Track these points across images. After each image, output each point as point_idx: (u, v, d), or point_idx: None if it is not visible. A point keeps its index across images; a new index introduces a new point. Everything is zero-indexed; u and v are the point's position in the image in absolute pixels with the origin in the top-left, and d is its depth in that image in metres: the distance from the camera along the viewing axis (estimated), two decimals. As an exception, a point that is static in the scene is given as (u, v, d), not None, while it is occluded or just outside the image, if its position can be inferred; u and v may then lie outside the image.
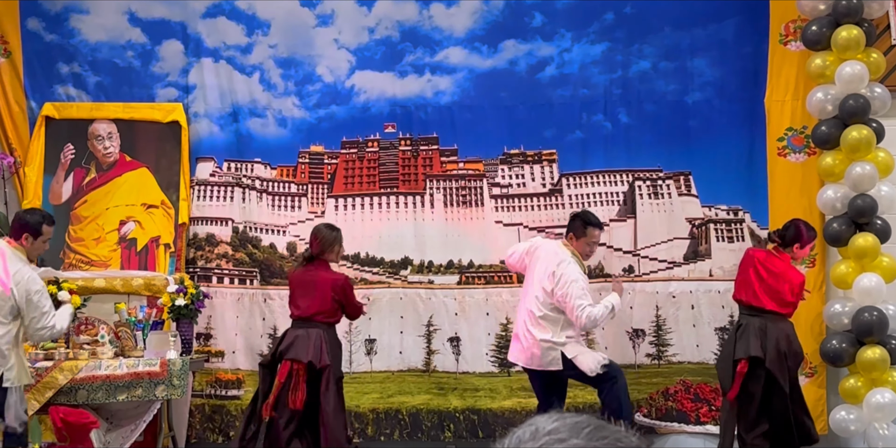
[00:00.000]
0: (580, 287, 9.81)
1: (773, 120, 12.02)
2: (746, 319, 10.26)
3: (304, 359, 9.79)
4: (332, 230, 10.23)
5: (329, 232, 10.18)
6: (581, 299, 9.76)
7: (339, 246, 10.17)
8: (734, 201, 12.19)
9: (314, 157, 12.45)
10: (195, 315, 11.47)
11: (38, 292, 8.95)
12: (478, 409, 12.02)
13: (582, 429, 1.68)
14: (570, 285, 9.78)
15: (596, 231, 10.04)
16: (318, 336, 9.88)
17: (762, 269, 10.22)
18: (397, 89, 12.41)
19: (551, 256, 10.02)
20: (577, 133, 12.31)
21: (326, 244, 10.07)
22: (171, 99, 12.40)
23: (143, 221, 12.11)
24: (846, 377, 11.08)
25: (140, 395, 10.24)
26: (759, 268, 10.25)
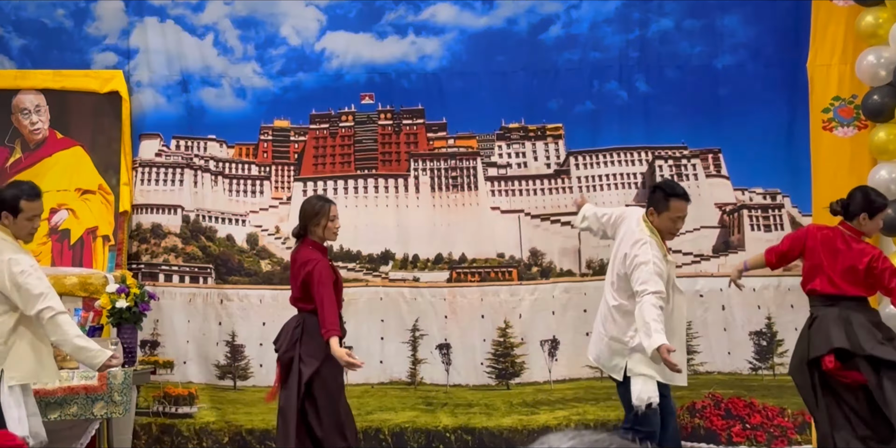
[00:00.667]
0: (649, 271, 8.87)
1: (817, 88, 11.65)
2: (821, 311, 9.55)
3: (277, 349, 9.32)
4: (317, 202, 9.53)
5: (311, 204, 9.48)
6: (645, 285, 8.79)
7: (325, 220, 9.32)
8: (772, 183, 11.93)
9: (278, 133, 12.23)
10: (139, 319, 10.98)
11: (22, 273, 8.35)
12: (472, 428, 11.76)
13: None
14: (639, 268, 8.90)
15: (681, 203, 9.08)
16: (296, 324, 9.30)
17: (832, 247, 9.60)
18: (376, 53, 12.18)
19: (629, 235, 9.25)
20: (587, 104, 12.03)
21: (307, 218, 9.36)
22: (109, 65, 12.16)
23: (78, 210, 11.82)
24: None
25: (75, 414, 9.95)
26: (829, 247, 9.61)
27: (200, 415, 11.81)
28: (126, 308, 10.65)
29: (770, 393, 11.58)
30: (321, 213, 9.37)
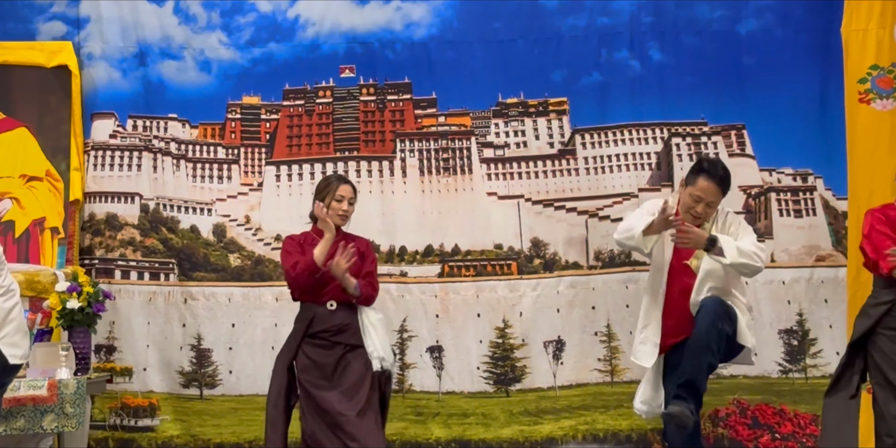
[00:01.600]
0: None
1: (853, 55, 11.42)
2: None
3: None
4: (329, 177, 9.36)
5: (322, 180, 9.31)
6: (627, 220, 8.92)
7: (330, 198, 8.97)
8: (802, 163, 11.79)
9: (248, 111, 12.13)
10: (93, 321, 10.68)
11: None
12: (467, 441, 11.66)
13: None
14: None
15: (706, 183, 8.60)
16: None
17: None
18: (356, 20, 12.03)
19: None
20: (594, 75, 11.91)
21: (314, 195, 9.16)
22: (56, 36, 12.05)
23: (23, 198, 11.67)
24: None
25: (22, 428, 9.70)
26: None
27: (163, 428, 11.67)
28: (78, 309, 10.42)
29: (802, 398, 11.40)
30: (326, 190, 9.11)
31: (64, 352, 10.12)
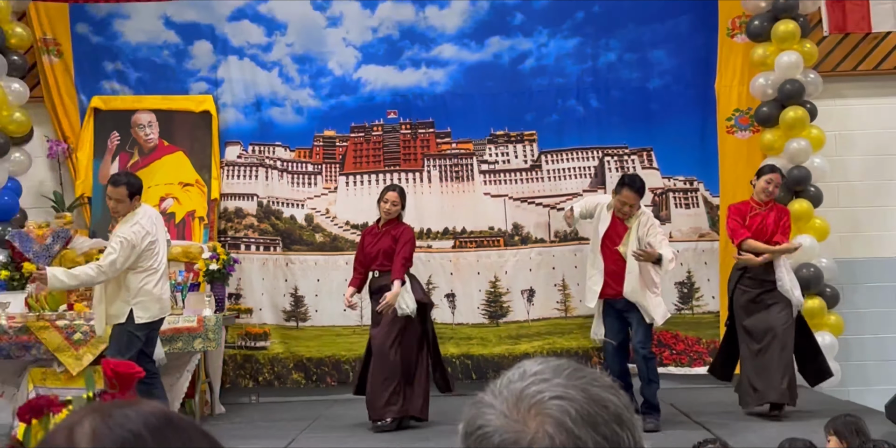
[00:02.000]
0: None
1: (722, 102, 12.07)
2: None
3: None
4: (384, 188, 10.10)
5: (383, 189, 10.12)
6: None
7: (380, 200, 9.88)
8: (689, 173, 12.22)
9: (327, 140, 12.37)
10: (227, 278, 11.50)
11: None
12: (471, 355, 12.01)
13: (563, 370, 1.65)
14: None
15: (626, 191, 9.32)
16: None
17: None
18: (398, 80, 12.38)
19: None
20: (553, 116, 12.30)
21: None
22: (202, 91, 12.35)
23: (180, 198, 12.07)
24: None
25: (180, 348, 10.16)
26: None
27: (272, 347, 12.01)
28: (217, 270, 11.12)
29: (690, 327, 11.90)
30: (379, 196, 9.80)
31: (207, 298, 10.77)
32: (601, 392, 1.65)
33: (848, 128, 12.12)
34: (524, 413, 1.62)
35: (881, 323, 11.96)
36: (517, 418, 1.62)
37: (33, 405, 5.46)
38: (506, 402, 1.65)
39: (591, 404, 1.62)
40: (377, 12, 12.36)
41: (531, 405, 1.62)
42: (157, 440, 1.50)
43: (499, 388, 1.70)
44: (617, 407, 1.65)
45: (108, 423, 1.50)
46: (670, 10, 12.20)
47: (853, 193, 12.10)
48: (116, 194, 8.69)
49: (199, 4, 12.34)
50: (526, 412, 1.62)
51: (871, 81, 12.21)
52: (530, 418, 1.61)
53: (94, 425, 1.50)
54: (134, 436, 1.49)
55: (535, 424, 1.60)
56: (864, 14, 11.91)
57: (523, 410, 1.62)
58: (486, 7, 12.32)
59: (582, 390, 1.64)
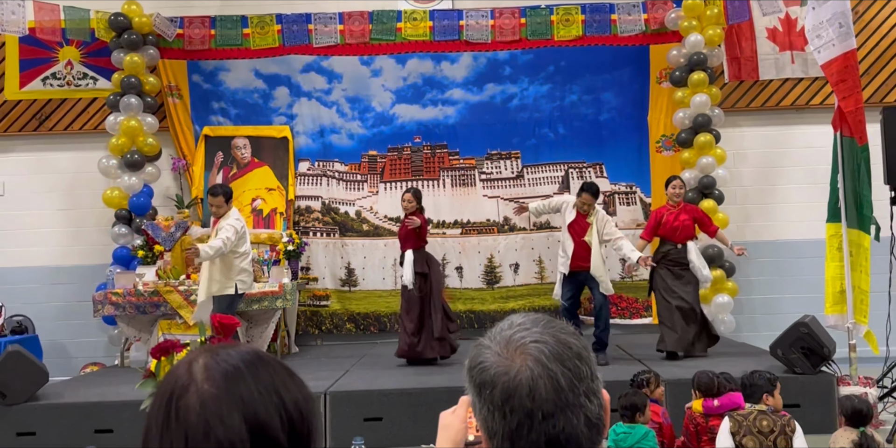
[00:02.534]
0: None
1: (653, 130, 11.98)
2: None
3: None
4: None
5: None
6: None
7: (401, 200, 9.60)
8: (629, 180, 12.07)
9: (371, 158, 12.24)
10: (299, 256, 11.42)
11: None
12: (474, 311, 11.89)
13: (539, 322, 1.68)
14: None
15: (584, 195, 9.24)
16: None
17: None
18: (421, 115, 12.25)
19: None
20: (532, 140, 12.16)
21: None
22: (282, 123, 12.23)
23: (266, 199, 11.94)
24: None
25: (267, 305, 10.06)
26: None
27: (332, 306, 11.91)
28: (292, 250, 11.12)
29: (630, 290, 11.76)
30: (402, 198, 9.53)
31: (286, 270, 10.71)
32: (567, 337, 1.66)
33: (742, 148, 12.07)
34: (512, 352, 1.64)
35: (766, 287, 11.94)
36: (507, 356, 1.64)
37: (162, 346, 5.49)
38: (498, 344, 1.67)
39: (560, 346, 1.64)
40: (406, 66, 12.20)
41: (517, 347, 1.64)
42: (251, 371, 1.52)
43: (493, 335, 1.71)
44: (578, 348, 1.65)
45: (215, 359, 1.53)
46: (616, 63, 12.01)
47: (746, 195, 12.07)
48: (216, 202, 8.78)
49: (279, 60, 12.17)
50: (513, 352, 1.64)
51: (760, 115, 12.16)
52: (516, 356, 1.63)
53: (206, 360, 1.53)
54: (234, 368, 1.51)
55: (519, 361, 1.62)
56: (754, 66, 11.96)
57: (511, 350, 1.64)
58: (484, 62, 12.16)
59: (553, 336, 1.65)
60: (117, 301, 10.06)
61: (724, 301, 11.24)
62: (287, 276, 10.68)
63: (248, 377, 1.52)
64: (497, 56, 12.20)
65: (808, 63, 11.81)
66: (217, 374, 1.49)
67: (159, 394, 1.50)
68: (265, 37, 12.13)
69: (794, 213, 11.88)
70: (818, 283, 8.91)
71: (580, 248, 9.30)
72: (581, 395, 1.60)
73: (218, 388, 1.47)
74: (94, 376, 9.89)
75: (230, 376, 1.50)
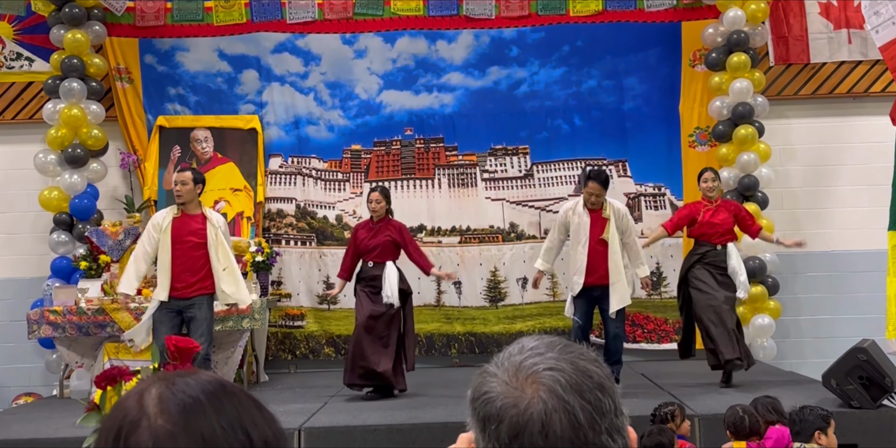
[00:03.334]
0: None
1: (685, 122, 12.09)
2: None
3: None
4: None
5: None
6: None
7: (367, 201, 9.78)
8: (658, 180, 12.18)
9: (354, 153, 12.34)
10: (270, 268, 11.44)
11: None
12: (475, 333, 11.96)
13: (555, 346, 1.67)
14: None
15: (592, 183, 9.14)
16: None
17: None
18: (413, 103, 12.36)
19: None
20: (543, 133, 12.25)
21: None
22: (249, 112, 12.30)
23: (231, 201, 11.99)
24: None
25: (231, 326, 10.06)
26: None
27: (307, 326, 11.95)
28: (261, 261, 11.10)
29: (658, 310, 11.89)
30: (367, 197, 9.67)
31: (254, 284, 10.73)
32: (587, 364, 1.67)
33: (790, 143, 12.13)
34: (522, 381, 1.64)
35: (815, 307, 11.98)
36: (516, 386, 1.64)
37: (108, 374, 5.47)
38: (507, 372, 1.67)
39: (578, 374, 1.64)
40: (396, 46, 12.33)
41: (528, 375, 1.64)
42: (213, 403, 1.51)
43: (501, 361, 1.71)
44: (600, 377, 1.66)
45: (171, 389, 1.51)
46: (641, 44, 12.16)
47: (794, 198, 12.12)
48: (183, 178, 8.72)
49: (247, 39, 12.27)
50: (524, 381, 1.64)
51: (810, 104, 12.23)
52: (527, 386, 1.63)
53: (160, 391, 1.52)
54: (193, 399, 1.50)
55: (531, 391, 1.62)
56: (804, 47, 12.04)
57: (521, 379, 1.64)
58: (486, 41, 12.29)
59: (570, 363, 1.65)
60: (56, 320, 10.05)
61: (764, 323, 11.28)
62: (255, 291, 10.69)
63: (209, 410, 1.50)
64: (502, 34, 12.31)
65: (867, 44, 11.80)
66: (173, 407, 1.48)
67: (105, 430, 1.49)
68: (230, 11, 12.23)
69: (851, 219, 11.98)
70: (878, 302, 8.96)
71: (595, 258, 9.23)
72: (602, 432, 1.60)
73: (174, 423, 1.46)
74: (29, 409, 9.87)
75: (189, 410, 1.49)
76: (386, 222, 9.53)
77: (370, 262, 9.52)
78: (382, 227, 9.52)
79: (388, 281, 9.34)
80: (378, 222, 9.54)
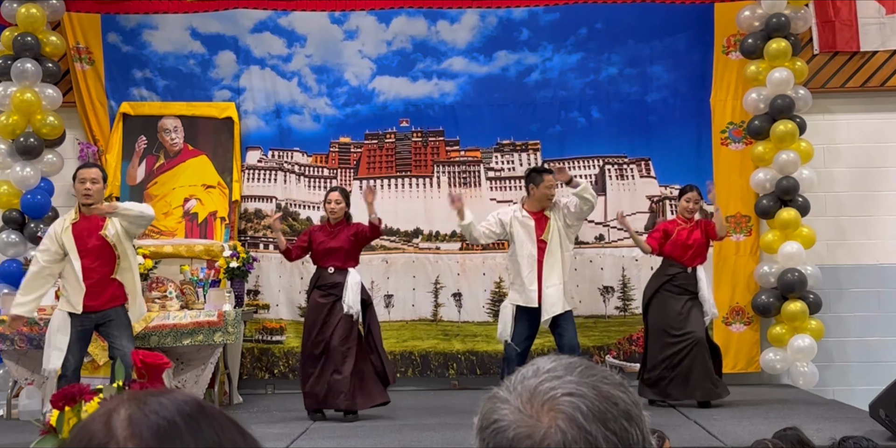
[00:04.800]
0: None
1: (717, 116, 12.10)
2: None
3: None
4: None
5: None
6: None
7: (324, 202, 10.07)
8: (685, 182, 11.43)
9: (342, 146, 12.38)
10: (246, 275, 11.49)
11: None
12: (476, 352, 11.97)
13: (575, 368, 1.67)
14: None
15: (547, 176, 9.76)
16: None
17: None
18: (410, 91, 12.39)
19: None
20: (556, 127, 12.29)
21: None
22: (225, 99, 12.35)
23: (203, 199, 12.06)
24: (773, 325, 11.46)
25: (201, 341, 10.20)
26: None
27: (287, 342, 11.95)
28: (237, 267, 11.17)
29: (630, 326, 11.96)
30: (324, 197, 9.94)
31: (228, 294, 10.78)
32: (611, 389, 1.67)
33: (835, 142, 12.13)
34: (538, 408, 1.64)
35: (864, 327, 11.96)
36: (531, 413, 1.64)
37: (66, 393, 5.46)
38: (520, 397, 1.67)
39: (602, 401, 1.64)
40: (391, 26, 12.36)
41: (544, 401, 1.64)
42: (190, 427, 1.51)
43: (513, 384, 1.71)
44: (626, 404, 1.66)
45: (143, 410, 1.51)
46: (669, 27, 12.20)
47: (839, 204, 12.11)
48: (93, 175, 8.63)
49: (223, 16, 12.30)
50: (539, 408, 1.64)
51: (858, 98, 12.22)
52: (543, 414, 1.63)
53: (131, 412, 1.51)
54: (168, 422, 1.50)
55: (547, 419, 1.62)
56: (852, 34, 12.03)
57: (537, 406, 1.64)
58: (494, 23, 12.32)
59: (593, 387, 1.65)
60: (3, 331, 10.05)
61: (804, 344, 11.21)
62: (229, 301, 10.77)
63: (186, 435, 1.50)
64: (511, 15, 12.35)
65: (925, 31, 11.92)
66: (146, 431, 1.48)
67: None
68: (205, -16, 12.24)
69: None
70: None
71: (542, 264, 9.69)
72: None
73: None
74: (-29, 431, 9.85)
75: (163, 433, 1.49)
76: (345, 226, 9.83)
77: (330, 268, 9.75)
78: (341, 231, 9.79)
79: (350, 289, 9.60)
80: (336, 226, 9.82)
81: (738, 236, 11.83)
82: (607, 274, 11.89)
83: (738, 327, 11.79)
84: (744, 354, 11.79)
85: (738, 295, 11.78)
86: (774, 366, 11.42)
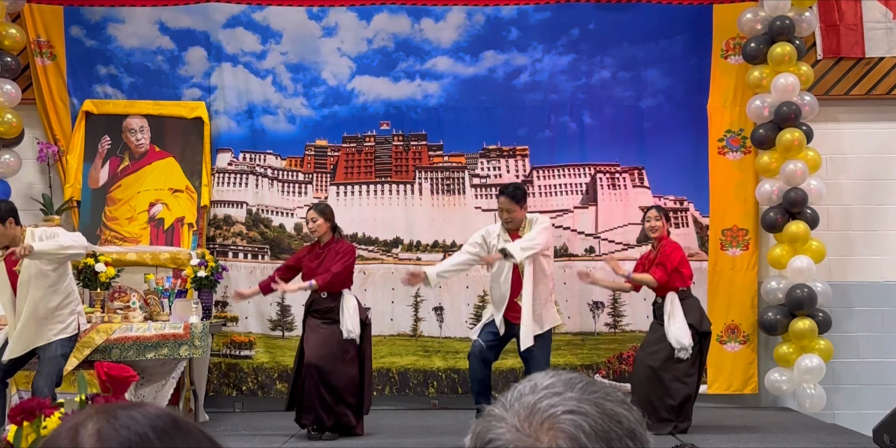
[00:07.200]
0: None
1: (714, 123, 12.12)
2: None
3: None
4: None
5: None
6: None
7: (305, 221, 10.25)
8: (680, 193, 12.25)
9: (319, 149, 12.38)
10: (214, 285, 11.46)
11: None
12: (458, 369, 11.93)
13: (575, 384, 1.67)
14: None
15: (501, 197, 9.93)
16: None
17: None
18: (391, 92, 12.40)
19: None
20: (546, 132, 12.32)
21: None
22: (195, 98, 12.32)
23: (170, 204, 12.05)
24: (780, 344, 11.44)
25: (166, 354, 10.24)
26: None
27: (257, 357, 11.98)
28: (204, 277, 11.12)
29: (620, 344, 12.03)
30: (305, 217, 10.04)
31: (195, 305, 10.80)
32: (615, 407, 1.66)
33: (841, 151, 12.13)
34: (536, 427, 1.63)
35: (873, 348, 11.96)
36: (529, 432, 1.63)
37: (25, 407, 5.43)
38: (517, 415, 1.65)
39: (605, 419, 1.63)
40: (372, 24, 12.35)
41: (544, 419, 1.63)
42: (163, 442, 1.50)
43: (509, 401, 1.70)
44: (630, 422, 1.65)
45: (113, 425, 1.50)
46: (665, 30, 12.22)
47: (847, 217, 12.13)
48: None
49: (194, 10, 12.29)
50: (538, 426, 1.63)
51: (864, 106, 12.23)
52: (543, 432, 1.62)
53: (100, 426, 1.50)
54: (140, 437, 1.50)
55: (547, 439, 1.61)
56: (857, 39, 12.04)
57: (535, 424, 1.63)
58: (481, 21, 12.32)
59: (595, 405, 1.64)
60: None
61: (812, 365, 11.13)
62: (196, 313, 10.77)
63: (159, 451, 1.47)
64: (500, 13, 12.36)
65: (933, 36, 11.96)
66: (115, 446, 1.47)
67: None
68: (175, -25, 12.24)
69: (909, 244, 12.07)
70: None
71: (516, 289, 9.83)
72: None
73: (116, 465, 1.43)
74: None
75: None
76: (334, 245, 9.95)
77: (323, 293, 9.86)
78: (330, 252, 9.92)
79: (348, 313, 9.77)
80: (325, 246, 9.96)
81: (734, 251, 11.86)
82: (597, 289, 11.72)
83: (734, 346, 11.79)
84: (739, 375, 11.80)
85: (734, 312, 11.78)
86: (780, 387, 11.38)
